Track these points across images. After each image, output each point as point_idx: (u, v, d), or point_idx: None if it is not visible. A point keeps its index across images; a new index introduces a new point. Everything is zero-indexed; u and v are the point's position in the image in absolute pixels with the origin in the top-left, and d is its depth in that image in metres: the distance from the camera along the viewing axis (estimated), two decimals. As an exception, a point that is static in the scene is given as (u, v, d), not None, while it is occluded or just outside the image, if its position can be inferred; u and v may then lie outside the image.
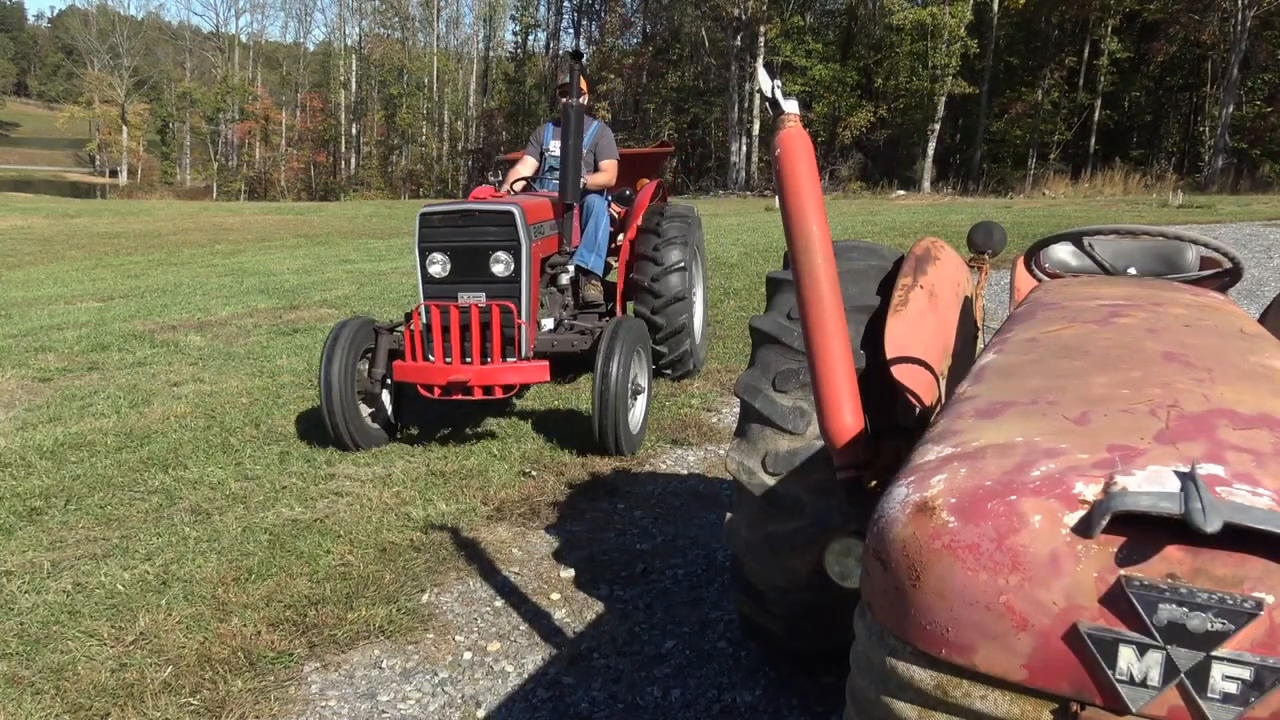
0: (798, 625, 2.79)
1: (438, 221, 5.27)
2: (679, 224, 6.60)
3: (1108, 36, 37.66)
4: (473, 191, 6.26)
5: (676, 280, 6.39)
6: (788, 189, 1.73)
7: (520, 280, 5.22)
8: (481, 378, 5.06)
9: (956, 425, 1.47)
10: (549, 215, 5.76)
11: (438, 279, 5.26)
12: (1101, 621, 1.14)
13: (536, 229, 5.42)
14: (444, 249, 5.24)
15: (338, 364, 5.10)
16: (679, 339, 6.51)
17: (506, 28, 58.06)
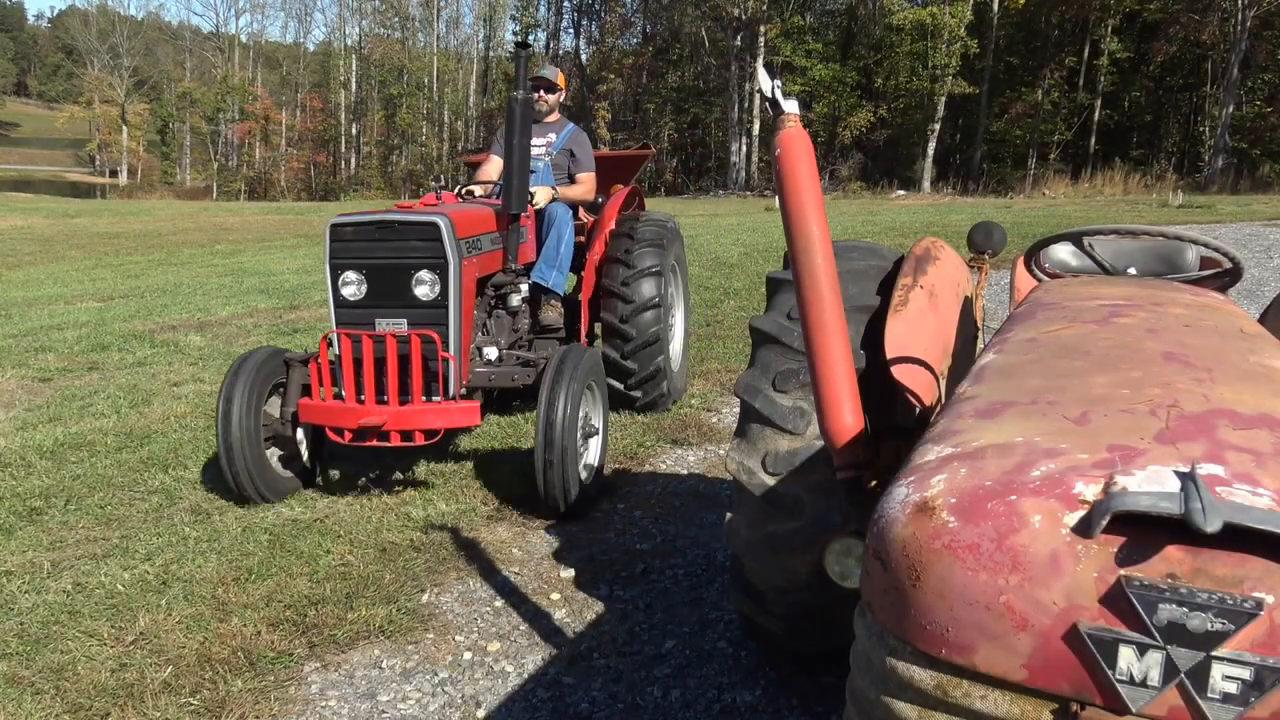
0: (798, 625, 2.79)
1: (350, 234, 4.45)
2: (654, 228, 5.93)
3: (1108, 36, 37.67)
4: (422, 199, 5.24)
5: (649, 286, 5.66)
6: (788, 189, 1.73)
7: (448, 304, 4.41)
8: (399, 421, 4.28)
9: (956, 425, 1.47)
10: (490, 227, 4.90)
11: (351, 302, 4.45)
12: (1101, 621, 1.14)
13: (471, 243, 4.60)
14: (358, 266, 4.43)
15: (238, 404, 4.34)
16: (650, 354, 5.69)
17: (506, 28, 58.12)
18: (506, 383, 4.71)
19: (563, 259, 5.48)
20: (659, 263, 5.70)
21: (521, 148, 4.81)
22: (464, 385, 4.55)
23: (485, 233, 4.83)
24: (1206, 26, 33.65)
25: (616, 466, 5.13)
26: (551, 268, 5.44)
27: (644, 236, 5.76)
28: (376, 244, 4.43)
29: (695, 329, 8.67)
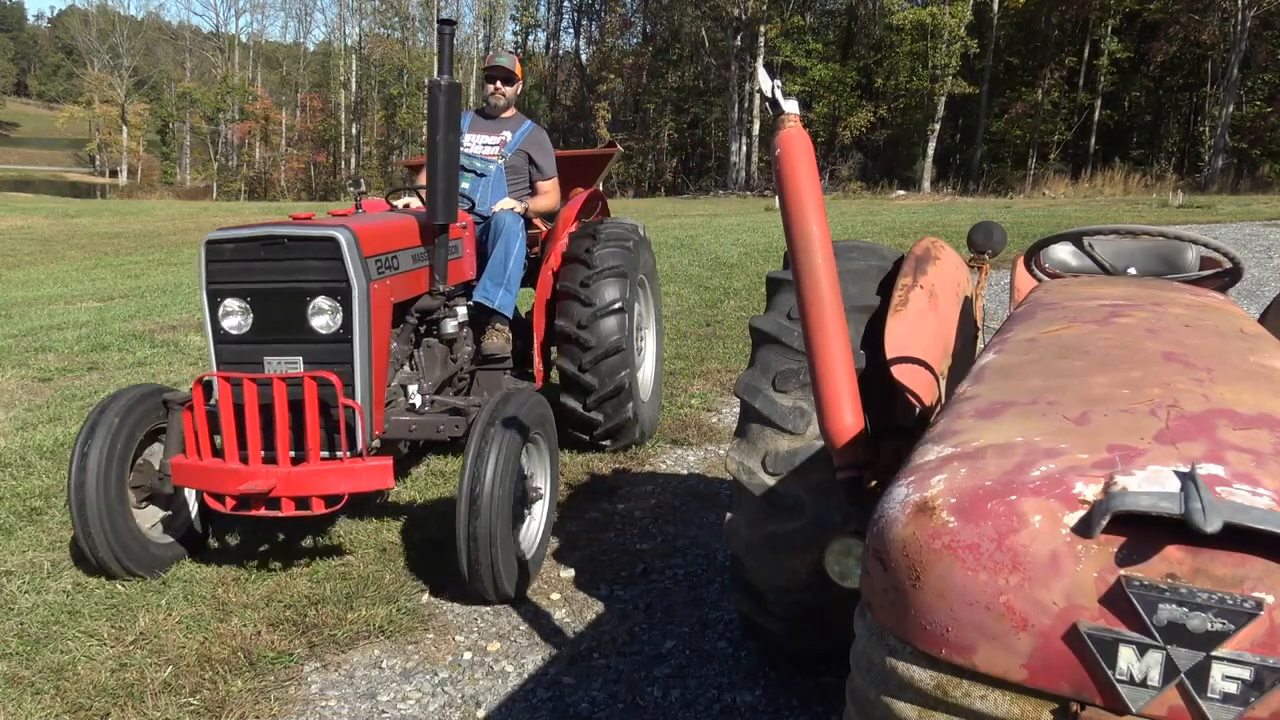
0: (798, 625, 2.79)
1: (231, 253, 3.65)
2: (617, 249, 5.01)
3: (1108, 36, 37.67)
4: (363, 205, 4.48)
5: (612, 325, 4.84)
6: (788, 189, 1.73)
7: (352, 338, 3.62)
8: (291, 485, 3.52)
9: (956, 425, 1.47)
10: (410, 241, 4.09)
11: (234, 336, 3.67)
12: (1101, 621, 1.14)
13: (383, 262, 3.82)
14: (241, 292, 3.65)
15: (95, 460, 3.56)
16: (616, 404, 4.98)
17: (506, 28, 58.10)
18: (430, 434, 3.96)
19: (511, 275, 4.67)
20: (623, 264, 4.97)
21: (448, 145, 4.03)
22: (377, 437, 3.80)
23: (404, 248, 4.01)
24: (1206, 26, 33.64)
25: (617, 466, 5.13)
26: (497, 285, 4.64)
27: (609, 236, 5.09)
28: (263, 265, 3.63)
29: (695, 329, 8.66)
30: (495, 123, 5.15)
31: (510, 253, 4.65)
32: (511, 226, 4.70)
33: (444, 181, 4.08)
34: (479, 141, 5.09)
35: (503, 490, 3.37)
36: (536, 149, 5.16)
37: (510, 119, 5.19)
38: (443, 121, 4.01)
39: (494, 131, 5.12)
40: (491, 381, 4.74)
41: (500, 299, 4.65)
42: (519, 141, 5.12)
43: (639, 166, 47.95)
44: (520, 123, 5.19)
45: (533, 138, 5.16)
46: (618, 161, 6.76)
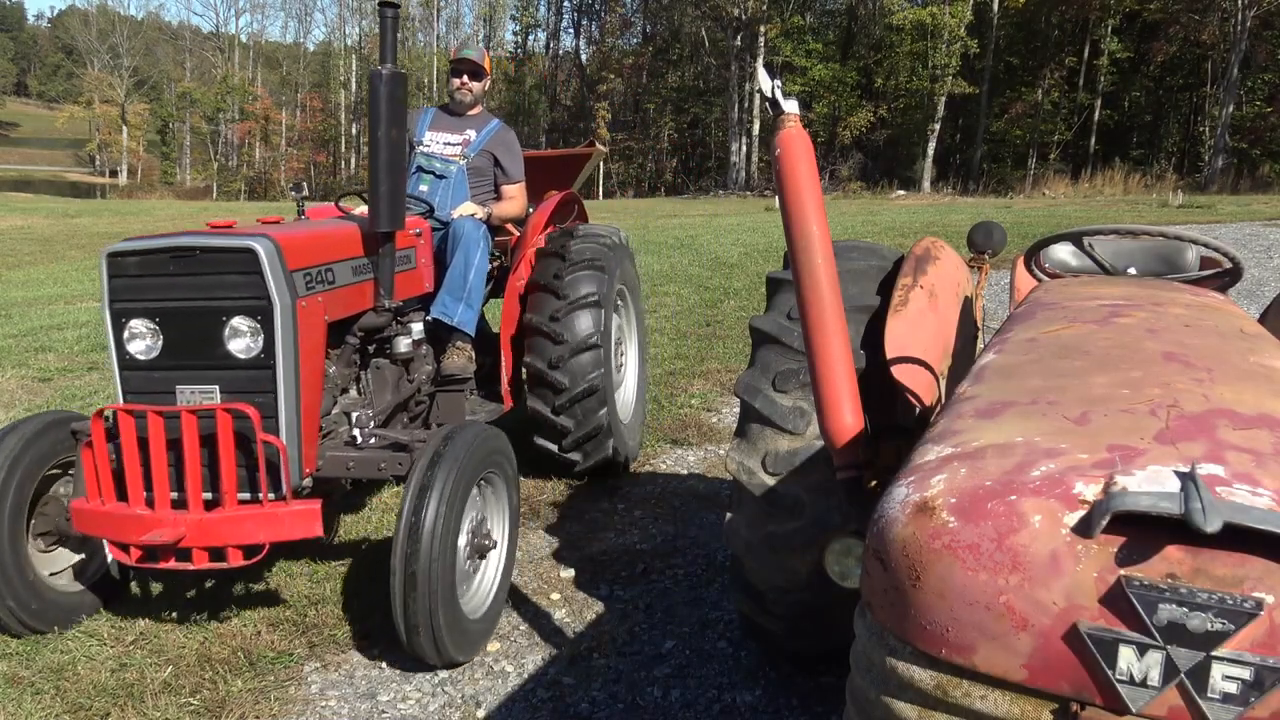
0: (798, 625, 2.79)
1: (136, 267, 3.22)
2: (594, 245, 4.70)
3: (1108, 36, 37.68)
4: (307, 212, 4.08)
5: (586, 322, 4.44)
6: (788, 189, 1.73)
7: (275, 363, 3.17)
8: (203, 534, 3.07)
9: (956, 425, 1.47)
10: (351, 251, 3.64)
11: (142, 362, 3.23)
12: (1101, 621, 1.14)
13: (315, 275, 3.36)
14: (149, 312, 3.21)
15: None
16: (588, 409, 4.49)
17: (506, 28, 58.14)
18: (371, 472, 3.44)
19: (472, 289, 4.26)
20: (597, 290, 4.50)
21: (391, 143, 3.57)
22: (309, 476, 3.34)
23: (342, 260, 3.57)
24: (1206, 26, 33.64)
25: (616, 466, 5.13)
26: (457, 300, 4.23)
27: (580, 256, 4.57)
28: (173, 280, 3.19)
29: (695, 329, 8.66)
30: (460, 120, 4.75)
31: (470, 264, 4.23)
32: (472, 234, 4.27)
33: (388, 184, 3.60)
34: (440, 140, 4.70)
35: (445, 543, 2.93)
36: (502, 150, 4.74)
37: (476, 117, 4.79)
38: (385, 116, 3.54)
39: (457, 130, 4.72)
40: (452, 404, 4.28)
41: (460, 315, 4.22)
42: (484, 141, 4.71)
43: (639, 166, 47.96)
44: (486, 121, 4.78)
45: (499, 138, 4.74)
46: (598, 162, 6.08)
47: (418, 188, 4.57)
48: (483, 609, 3.31)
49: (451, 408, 4.30)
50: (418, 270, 4.19)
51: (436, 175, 4.63)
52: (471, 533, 3.24)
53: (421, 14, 57.06)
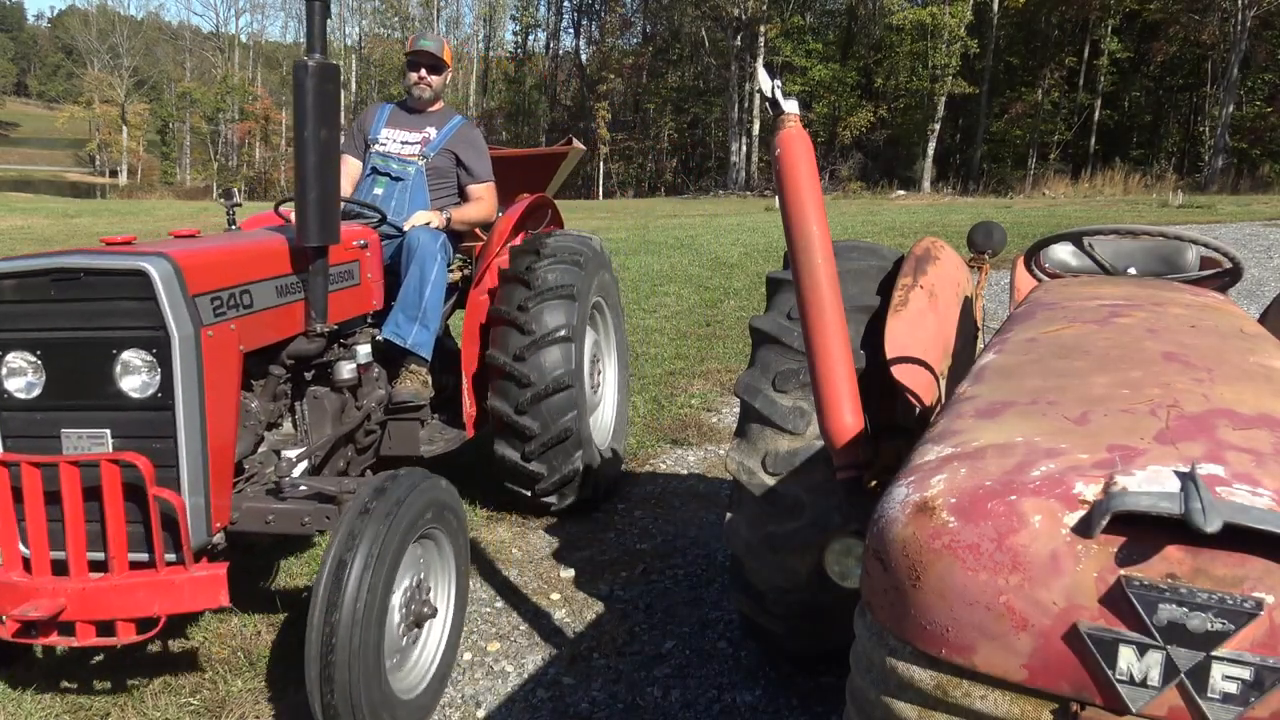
0: (798, 625, 2.80)
1: (11, 291, 2.76)
2: (565, 266, 4.17)
3: (1108, 36, 37.69)
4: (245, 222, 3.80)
5: (556, 357, 3.99)
6: (788, 189, 1.73)
7: (174, 403, 2.70)
8: (86, 605, 2.64)
9: (956, 425, 1.47)
10: (276, 269, 3.17)
11: (23, 402, 2.77)
12: (1101, 621, 1.14)
13: (227, 299, 2.88)
14: (29, 344, 2.76)
15: None
16: (562, 453, 4.08)
17: (506, 28, 58.17)
18: (292, 527, 2.96)
19: (428, 307, 3.86)
20: (567, 322, 4.06)
21: (321, 144, 3.09)
22: (219, 531, 2.86)
23: (263, 279, 3.08)
24: (1206, 26, 33.65)
25: (616, 466, 5.13)
26: (411, 320, 3.86)
27: (546, 282, 4.11)
28: (56, 307, 2.73)
29: (695, 329, 8.67)
30: (418, 117, 4.40)
31: (426, 280, 3.84)
32: (427, 247, 3.87)
33: (317, 191, 3.11)
34: (397, 138, 4.34)
35: (370, 616, 2.51)
36: (465, 147, 4.33)
37: (437, 113, 4.44)
38: (312, 113, 3.05)
39: (415, 127, 4.36)
40: (405, 434, 3.93)
41: (415, 337, 3.85)
42: (444, 139, 4.32)
43: (639, 166, 47.98)
44: (448, 118, 4.42)
45: (461, 134, 4.36)
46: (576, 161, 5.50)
47: (372, 191, 4.25)
48: (421, 685, 2.87)
49: (404, 438, 3.92)
50: (363, 286, 3.73)
51: (392, 177, 4.27)
52: (407, 600, 2.79)
53: (421, 14, 57.09)
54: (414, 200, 4.23)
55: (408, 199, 4.23)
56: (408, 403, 3.87)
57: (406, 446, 3.93)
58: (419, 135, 4.34)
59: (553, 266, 4.15)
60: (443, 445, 4.05)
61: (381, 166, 4.29)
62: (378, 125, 4.39)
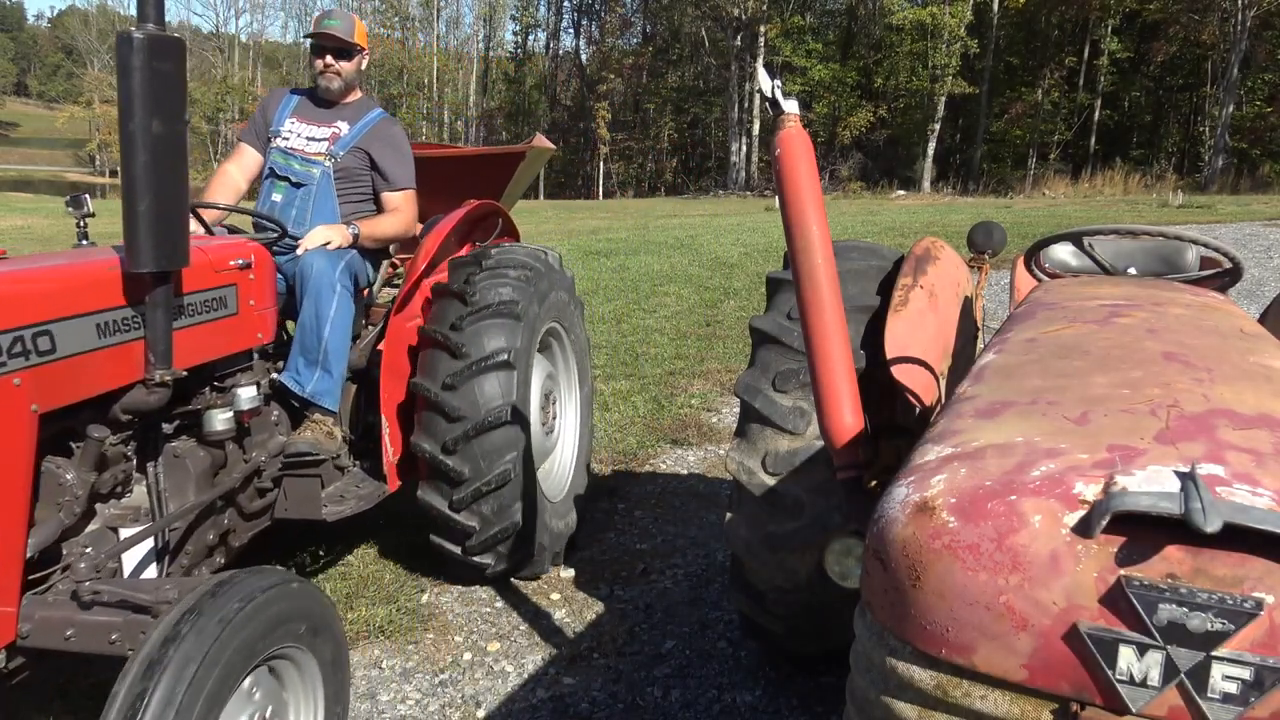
0: (798, 625, 2.80)
1: None
2: (510, 284, 3.54)
3: (1108, 36, 37.69)
4: None
5: (494, 387, 3.37)
6: (788, 189, 1.73)
7: None
8: None
9: (956, 425, 1.47)
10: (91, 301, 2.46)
11: None
12: (1101, 621, 1.14)
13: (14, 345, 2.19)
14: None
15: None
16: (498, 504, 3.43)
17: (506, 28, 58.16)
18: (99, 645, 2.27)
19: (329, 349, 3.29)
20: (508, 345, 3.43)
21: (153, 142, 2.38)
22: (4, 649, 2.26)
23: (73, 316, 2.39)
24: (1206, 26, 33.65)
25: (617, 467, 5.13)
26: (311, 364, 3.28)
27: (486, 299, 3.49)
28: None
29: (695, 329, 8.67)
30: (330, 110, 3.73)
31: (324, 317, 3.27)
32: (322, 275, 3.27)
33: (150, 200, 2.40)
34: (302, 133, 3.69)
35: None
36: (381, 146, 3.68)
37: (351, 105, 3.77)
38: (141, 99, 2.34)
39: (324, 121, 3.70)
40: (303, 493, 3.29)
41: (315, 385, 3.28)
42: (357, 136, 3.67)
43: (639, 166, 47.98)
44: (364, 110, 3.76)
45: (378, 131, 3.71)
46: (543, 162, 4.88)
47: (269, 198, 3.63)
48: None
49: (302, 497, 3.29)
50: (242, 316, 3.03)
51: (293, 183, 3.62)
52: None
53: (421, 14, 57.10)
54: (319, 209, 3.59)
55: (311, 208, 3.59)
56: (304, 455, 3.24)
57: (305, 508, 3.29)
58: (327, 130, 3.68)
59: (495, 281, 3.53)
60: (355, 504, 3.37)
61: (281, 168, 3.65)
62: (281, 115, 3.74)
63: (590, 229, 20.27)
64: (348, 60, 3.70)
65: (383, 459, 3.52)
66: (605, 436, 5.62)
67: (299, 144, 3.67)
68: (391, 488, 3.52)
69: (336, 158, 3.65)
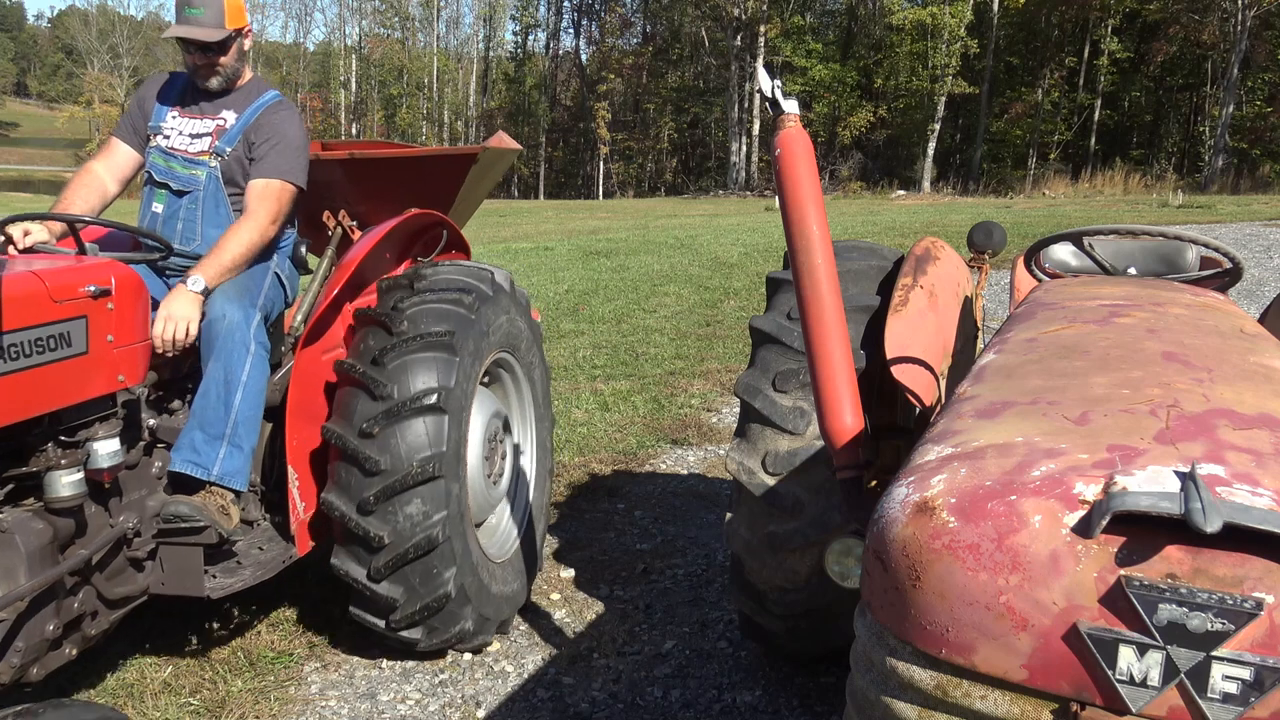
0: (798, 625, 2.80)
1: None
2: (444, 309, 3.04)
3: (1108, 36, 37.68)
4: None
5: (420, 434, 2.87)
6: (788, 189, 1.73)
7: None
8: None
9: (956, 425, 1.47)
10: None
11: None
12: (1101, 621, 1.14)
13: None
14: None
15: None
16: (424, 571, 2.92)
17: (506, 28, 58.11)
18: None
19: (239, 420, 2.79)
20: (439, 384, 2.91)
21: None
22: None
23: None
24: (1206, 26, 33.66)
25: (617, 467, 5.13)
26: (215, 439, 2.77)
27: (435, 285, 3.09)
28: None
29: (695, 329, 8.67)
30: (213, 101, 3.16)
31: (234, 382, 2.76)
32: (235, 330, 2.77)
33: None
34: (184, 129, 3.14)
35: None
36: (261, 131, 3.09)
37: (240, 91, 3.18)
38: None
39: (209, 113, 3.15)
40: (183, 566, 2.77)
41: (223, 464, 2.77)
42: (245, 125, 3.11)
43: (639, 166, 47.98)
44: (254, 96, 3.18)
45: (267, 117, 3.12)
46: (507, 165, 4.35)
47: (149, 209, 3.12)
48: None
49: (181, 571, 2.76)
50: (92, 356, 2.47)
51: (174, 190, 3.10)
52: None
53: (421, 14, 57.09)
54: (209, 219, 3.08)
55: (200, 218, 3.08)
56: (180, 522, 2.69)
57: (184, 583, 2.78)
58: (211, 124, 3.12)
59: (427, 306, 3.02)
60: (253, 573, 2.90)
61: (160, 172, 3.11)
62: (161, 106, 3.18)
63: (590, 229, 20.28)
64: (221, 54, 3.06)
65: (290, 515, 2.99)
66: (605, 436, 5.62)
67: (180, 143, 3.11)
68: (301, 551, 3.03)
69: (223, 155, 3.08)
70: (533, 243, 16.75)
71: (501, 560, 3.36)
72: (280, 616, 3.47)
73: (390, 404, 2.86)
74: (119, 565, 2.65)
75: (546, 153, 49.54)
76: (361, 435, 2.85)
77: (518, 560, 3.47)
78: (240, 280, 2.93)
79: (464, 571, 3.01)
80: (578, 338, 8.38)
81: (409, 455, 2.85)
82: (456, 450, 2.98)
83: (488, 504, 3.37)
